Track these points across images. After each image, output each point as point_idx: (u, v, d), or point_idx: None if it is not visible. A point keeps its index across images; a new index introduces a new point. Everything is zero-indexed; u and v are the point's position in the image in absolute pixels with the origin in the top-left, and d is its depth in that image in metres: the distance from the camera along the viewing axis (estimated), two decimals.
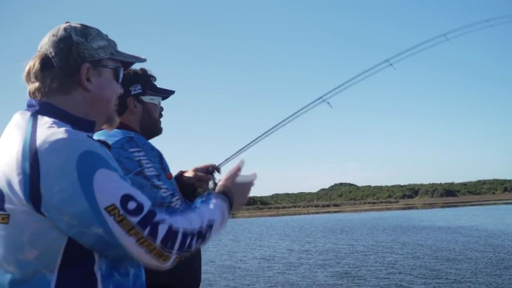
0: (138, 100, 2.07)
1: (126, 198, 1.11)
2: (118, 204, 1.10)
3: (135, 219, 1.11)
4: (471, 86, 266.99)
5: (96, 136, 1.81)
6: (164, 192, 1.85)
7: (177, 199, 1.89)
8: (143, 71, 2.12)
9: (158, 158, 1.94)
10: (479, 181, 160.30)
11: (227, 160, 2.41)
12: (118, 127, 1.92)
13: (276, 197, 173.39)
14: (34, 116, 1.20)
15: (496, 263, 12.31)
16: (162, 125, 2.19)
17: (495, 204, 73.55)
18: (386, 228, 28.31)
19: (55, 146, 1.10)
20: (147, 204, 1.15)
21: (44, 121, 1.18)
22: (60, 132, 1.13)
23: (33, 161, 1.09)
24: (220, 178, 2.19)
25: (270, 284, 11.20)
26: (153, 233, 1.12)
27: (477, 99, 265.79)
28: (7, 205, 1.12)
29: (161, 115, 2.18)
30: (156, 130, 2.14)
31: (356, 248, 17.84)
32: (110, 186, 1.11)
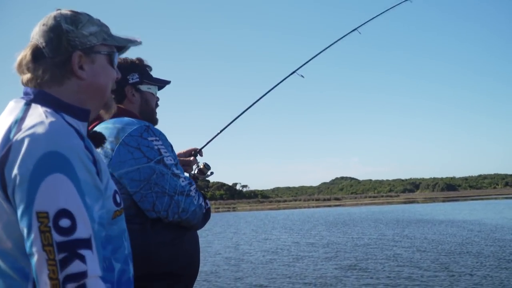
0: (136, 89, 2.05)
1: (63, 213, 1.03)
2: (51, 215, 1.02)
3: (58, 238, 1.01)
4: (473, 81, 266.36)
5: (112, 123, 1.86)
6: (183, 181, 1.87)
7: (194, 188, 1.91)
8: (140, 60, 2.09)
9: (171, 148, 1.95)
10: (480, 175, 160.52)
11: (208, 142, 2.48)
12: (125, 115, 1.95)
13: (277, 191, 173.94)
14: (28, 104, 1.19)
15: (503, 257, 12.31)
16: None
17: (496, 198, 73.56)
18: (389, 222, 28.25)
19: (28, 138, 1.08)
20: (83, 232, 1.05)
21: (37, 111, 1.16)
22: (42, 126, 1.10)
23: (8, 148, 1.08)
24: (202, 161, 2.31)
25: (278, 276, 11.21)
26: (65, 262, 1.01)
27: (479, 94, 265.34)
28: None
29: (157, 105, 2.16)
30: (153, 119, 2.12)
31: (362, 241, 17.77)
32: (55, 194, 1.04)
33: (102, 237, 1.18)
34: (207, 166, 2.30)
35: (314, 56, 3.00)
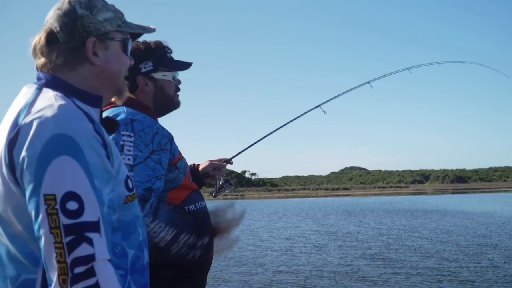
0: (149, 78, 1.97)
1: (70, 196, 1.02)
2: (58, 197, 1.01)
3: (65, 220, 1.01)
4: (485, 74, 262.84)
5: (105, 113, 1.75)
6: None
7: (144, 195, 1.73)
8: (157, 44, 2.00)
9: (168, 142, 1.88)
10: (490, 168, 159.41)
11: (238, 154, 2.53)
12: (132, 106, 1.88)
13: (286, 179, 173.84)
14: (40, 89, 1.19)
15: None
16: (182, 98, 2.10)
17: (506, 191, 73.00)
18: (403, 212, 28.24)
19: (37, 120, 1.08)
20: (91, 214, 1.03)
21: (47, 95, 1.16)
22: (51, 109, 1.10)
23: (17, 130, 1.09)
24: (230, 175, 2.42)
25: (300, 264, 11.27)
26: (72, 245, 1.00)
27: (491, 87, 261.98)
28: None
29: (178, 89, 2.07)
30: (171, 105, 2.05)
31: (380, 231, 17.83)
32: (62, 176, 1.03)
33: (113, 221, 1.16)
34: (233, 179, 2.40)
35: (340, 95, 3.23)
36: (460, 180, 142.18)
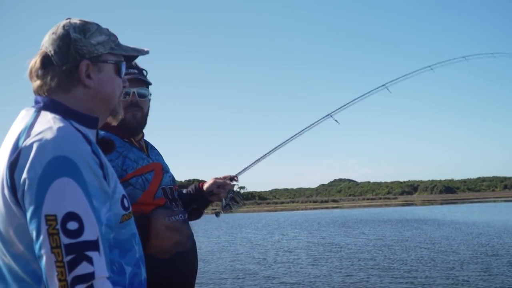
0: None
1: (70, 216, 1.06)
2: (59, 217, 1.05)
3: (66, 240, 1.04)
4: (473, 83, 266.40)
5: None
6: None
7: None
8: None
9: (120, 159, 1.95)
10: (478, 178, 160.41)
11: (243, 170, 2.51)
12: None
13: (275, 192, 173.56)
14: (38, 112, 1.22)
15: None
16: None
17: (494, 201, 73.22)
18: (394, 223, 28.46)
19: (37, 143, 1.11)
20: (90, 234, 1.07)
21: (45, 118, 1.19)
22: (50, 131, 1.13)
23: (17, 153, 1.11)
24: (235, 189, 2.38)
25: (304, 276, 11.27)
26: (73, 264, 1.04)
27: (477, 96, 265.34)
28: None
29: (132, 104, 2.12)
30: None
31: (379, 243, 17.83)
32: (63, 197, 1.06)
33: (110, 239, 1.20)
34: (239, 195, 2.35)
35: (348, 103, 3.06)
36: (448, 190, 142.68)
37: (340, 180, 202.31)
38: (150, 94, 2.15)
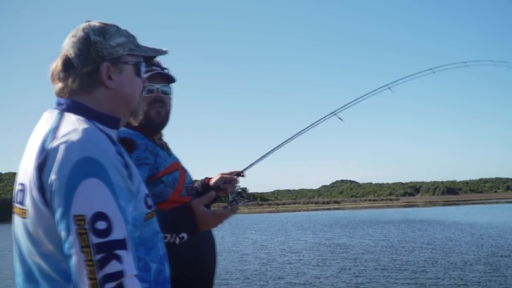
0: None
1: (99, 216, 1.08)
2: (88, 217, 1.07)
3: (95, 239, 1.06)
4: (472, 85, 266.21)
5: None
6: None
7: None
8: None
9: (151, 157, 1.98)
10: (481, 179, 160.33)
11: (250, 166, 2.50)
12: None
13: (277, 193, 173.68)
14: (62, 113, 1.24)
15: None
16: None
17: (497, 202, 73.21)
18: (397, 224, 28.41)
19: (64, 145, 1.13)
20: (118, 233, 1.09)
21: (70, 119, 1.21)
22: (76, 133, 1.15)
23: (45, 155, 1.14)
24: (241, 186, 2.35)
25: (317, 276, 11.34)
26: (103, 263, 1.06)
27: (478, 97, 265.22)
28: (27, 200, 1.18)
29: (159, 103, 2.15)
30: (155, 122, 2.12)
31: (385, 243, 17.91)
32: (91, 197, 1.09)
33: (136, 238, 1.22)
34: (245, 191, 2.33)
35: (353, 101, 3.04)
36: (450, 191, 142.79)
37: (342, 181, 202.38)
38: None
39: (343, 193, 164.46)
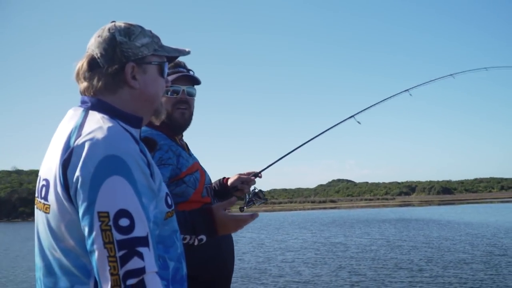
0: None
1: (122, 213, 1.10)
2: (111, 214, 1.09)
3: (118, 236, 1.09)
4: (470, 83, 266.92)
5: None
6: None
7: None
8: None
9: (174, 157, 1.99)
10: (476, 179, 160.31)
11: (267, 167, 2.54)
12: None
13: (273, 192, 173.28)
14: (86, 111, 1.26)
15: None
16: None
17: (491, 202, 73.57)
18: (393, 223, 28.36)
19: (89, 142, 1.15)
20: (141, 230, 1.11)
21: (94, 117, 1.23)
22: (100, 131, 1.17)
23: (70, 152, 1.16)
24: (257, 188, 2.38)
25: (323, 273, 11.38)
26: (125, 259, 1.08)
27: (474, 97, 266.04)
28: (50, 196, 1.20)
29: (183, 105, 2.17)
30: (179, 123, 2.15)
31: (378, 242, 18.02)
32: (114, 195, 1.11)
33: (156, 236, 1.24)
34: (262, 192, 2.37)
35: (371, 106, 3.17)
36: (446, 191, 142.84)
37: (339, 180, 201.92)
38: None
39: (339, 192, 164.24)
